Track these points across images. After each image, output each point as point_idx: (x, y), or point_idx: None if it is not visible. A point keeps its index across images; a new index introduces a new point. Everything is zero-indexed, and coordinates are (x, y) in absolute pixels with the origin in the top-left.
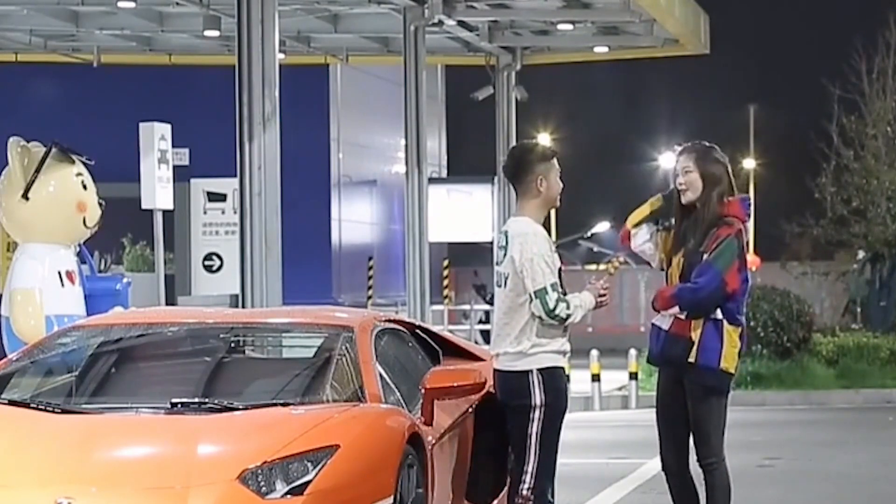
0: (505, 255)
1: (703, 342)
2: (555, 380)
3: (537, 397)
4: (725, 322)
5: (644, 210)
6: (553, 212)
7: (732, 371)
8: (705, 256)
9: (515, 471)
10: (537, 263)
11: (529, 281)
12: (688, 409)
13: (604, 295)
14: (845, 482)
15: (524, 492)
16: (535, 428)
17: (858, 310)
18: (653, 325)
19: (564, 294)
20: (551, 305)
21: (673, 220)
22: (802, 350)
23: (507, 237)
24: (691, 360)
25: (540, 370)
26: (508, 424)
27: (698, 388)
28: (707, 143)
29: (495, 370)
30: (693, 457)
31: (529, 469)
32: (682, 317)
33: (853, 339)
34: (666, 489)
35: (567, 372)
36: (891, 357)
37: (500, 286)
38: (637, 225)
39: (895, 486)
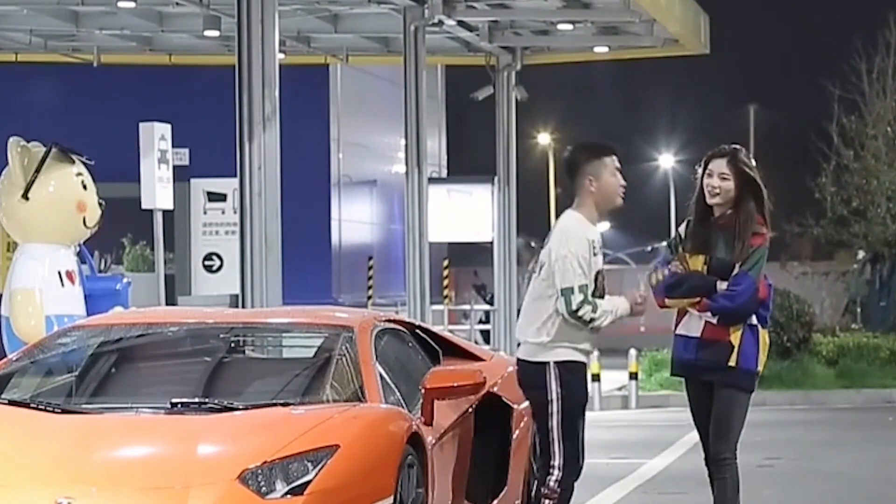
0: (547, 243)
1: (744, 347)
2: (571, 373)
3: (553, 390)
4: (759, 327)
5: (684, 303)
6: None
7: (761, 372)
8: (739, 266)
9: (542, 464)
10: (570, 262)
11: (559, 277)
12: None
13: (641, 303)
14: (845, 482)
15: (551, 483)
16: (555, 421)
17: (858, 310)
18: (677, 335)
19: (601, 296)
20: (574, 306)
21: (682, 231)
22: (802, 350)
23: (554, 228)
24: (732, 363)
25: (557, 363)
26: (534, 416)
27: (732, 389)
28: (741, 148)
29: (517, 359)
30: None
31: (557, 462)
32: (714, 322)
33: (853, 339)
34: (666, 489)
35: (588, 370)
36: (891, 357)
37: (535, 273)
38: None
39: (895, 486)
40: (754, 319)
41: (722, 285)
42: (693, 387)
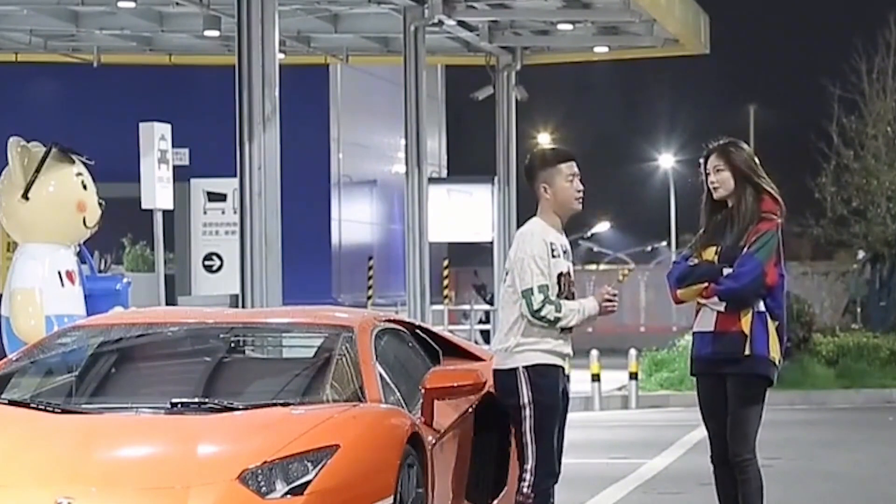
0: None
1: (755, 334)
2: (542, 377)
3: (524, 396)
4: (768, 315)
5: (695, 291)
6: None
7: (777, 362)
8: (745, 249)
9: (519, 469)
10: (527, 264)
11: (518, 280)
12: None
13: (610, 300)
14: (845, 482)
15: (525, 489)
16: (527, 426)
17: (858, 310)
18: (694, 333)
19: (568, 297)
20: (535, 306)
21: (702, 226)
22: (802, 350)
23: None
24: (747, 352)
25: (526, 368)
26: (511, 423)
27: (748, 380)
28: (733, 140)
29: (493, 370)
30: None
31: (529, 467)
32: (722, 309)
33: (853, 339)
34: (666, 489)
35: (563, 372)
36: (891, 357)
37: (503, 283)
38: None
39: (895, 486)
40: (762, 307)
41: (728, 271)
42: (706, 383)
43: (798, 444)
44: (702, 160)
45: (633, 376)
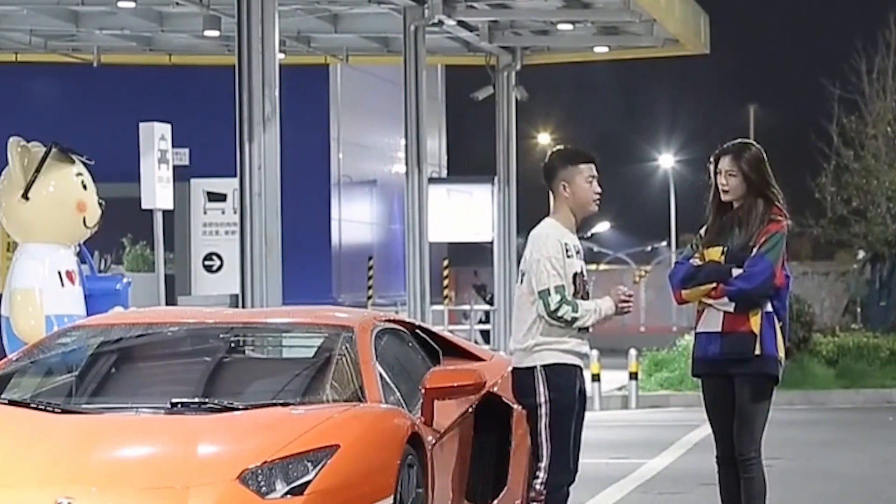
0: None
1: (764, 333)
2: (559, 376)
3: (541, 394)
4: (776, 316)
5: (701, 292)
6: None
7: (782, 361)
8: (755, 250)
9: (532, 466)
10: (543, 265)
11: (535, 281)
12: (735, 405)
13: (626, 301)
14: (845, 482)
15: (537, 486)
16: (543, 424)
17: (858, 310)
18: (698, 333)
19: (583, 296)
20: (552, 307)
21: (703, 232)
22: (802, 350)
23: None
24: (757, 351)
25: (544, 367)
26: (527, 421)
27: (757, 380)
28: (747, 142)
29: (511, 368)
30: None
31: (542, 465)
32: (731, 310)
33: (853, 339)
34: (666, 489)
35: (581, 372)
36: (891, 357)
37: (518, 283)
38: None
39: (895, 486)
40: (769, 307)
41: (737, 272)
42: (712, 383)
43: (798, 444)
44: (713, 158)
45: (633, 376)
